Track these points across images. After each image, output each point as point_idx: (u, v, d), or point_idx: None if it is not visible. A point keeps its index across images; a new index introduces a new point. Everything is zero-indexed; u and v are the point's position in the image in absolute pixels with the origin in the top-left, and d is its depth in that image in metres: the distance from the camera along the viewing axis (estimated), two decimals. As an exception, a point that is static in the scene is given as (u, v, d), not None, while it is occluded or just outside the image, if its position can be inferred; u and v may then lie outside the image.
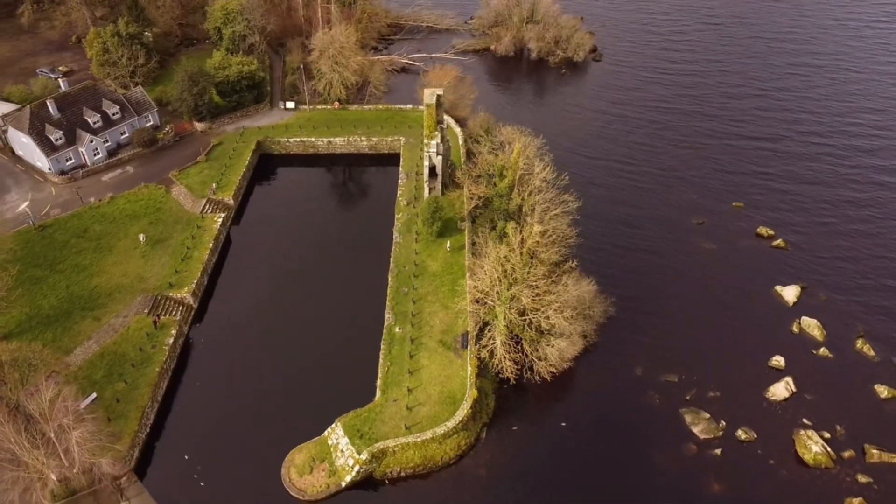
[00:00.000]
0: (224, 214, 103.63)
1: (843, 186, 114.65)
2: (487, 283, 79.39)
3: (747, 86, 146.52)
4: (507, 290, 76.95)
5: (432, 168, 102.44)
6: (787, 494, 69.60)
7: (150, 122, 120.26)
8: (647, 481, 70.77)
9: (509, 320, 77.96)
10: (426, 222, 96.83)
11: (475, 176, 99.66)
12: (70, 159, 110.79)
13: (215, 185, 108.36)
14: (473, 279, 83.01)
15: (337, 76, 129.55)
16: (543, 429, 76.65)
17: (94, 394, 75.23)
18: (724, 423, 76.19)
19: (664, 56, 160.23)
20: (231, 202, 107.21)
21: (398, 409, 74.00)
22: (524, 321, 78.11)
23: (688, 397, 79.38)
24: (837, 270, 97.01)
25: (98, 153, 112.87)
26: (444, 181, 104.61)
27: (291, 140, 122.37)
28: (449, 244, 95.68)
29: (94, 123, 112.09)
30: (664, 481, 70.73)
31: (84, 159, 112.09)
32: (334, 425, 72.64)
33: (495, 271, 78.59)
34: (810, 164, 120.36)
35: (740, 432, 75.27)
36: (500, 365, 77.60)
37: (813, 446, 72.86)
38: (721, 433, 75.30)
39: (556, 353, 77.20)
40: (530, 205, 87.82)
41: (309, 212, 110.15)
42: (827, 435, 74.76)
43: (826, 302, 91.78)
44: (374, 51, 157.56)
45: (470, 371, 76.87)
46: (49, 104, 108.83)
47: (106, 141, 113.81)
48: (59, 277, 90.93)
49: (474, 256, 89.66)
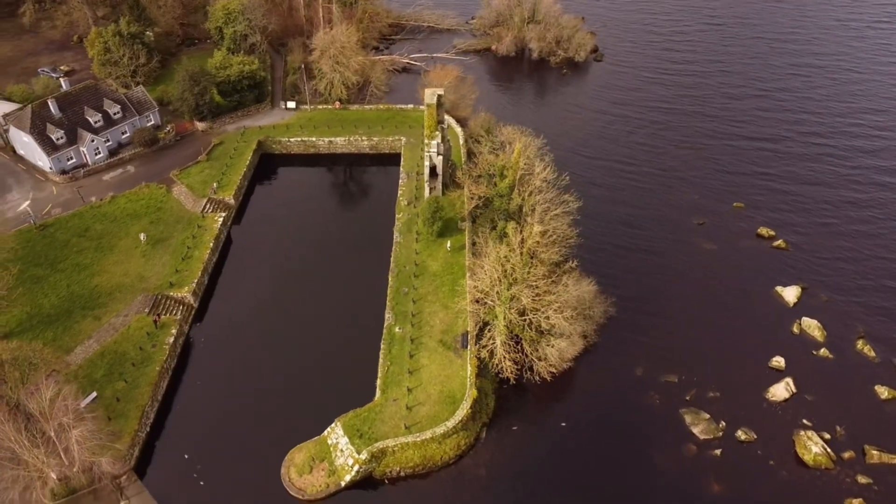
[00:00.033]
0: (225, 214, 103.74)
1: (844, 187, 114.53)
2: (487, 283, 79.37)
3: (748, 86, 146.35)
4: (508, 290, 76.93)
5: (433, 168, 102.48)
6: (787, 495, 69.55)
7: (152, 122, 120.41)
8: (647, 481, 70.76)
9: (509, 320, 77.93)
10: (427, 222, 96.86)
11: (476, 176, 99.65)
12: (71, 159, 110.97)
13: (216, 185, 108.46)
14: (473, 279, 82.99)
15: (338, 76, 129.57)
16: (543, 429, 76.63)
17: (95, 393, 75.35)
18: (724, 424, 76.16)
19: (665, 56, 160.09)
20: (232, 202, 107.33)
21: (398, 409, 74.02)
22: (524, 321, 78.09)
23: (688, 398, 79.37)
24: (838, 271, 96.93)
25: (99, 152, 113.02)
26: (445, 181, 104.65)
27: (292, 140, 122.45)
28: (449, 244, 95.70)
29: (96, 123, 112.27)
30: (664, 481, 70.72)
31: (85, 159, 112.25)
32: (334, 425, 72.69)
33: (495, 271, 78.58)
34: (811, 165, 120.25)
35: (740, 433, 75.23)
36: (500, 365, 77.60)
37: (813, 447, 72.81)
38: (721, 434, 75.26)
39: (556, 354, 77.19)
40: (531, 205, 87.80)
41: (310, 211, 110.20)
42: (827, 436, 74.72)
43: (827, 303, 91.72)
44: (376, 51, 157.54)
45: (470, 371, 76.89)
46: (50, 104, 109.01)
47: (107, 140, 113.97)
48: (60, 276, 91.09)
49: (474, 256, 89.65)
